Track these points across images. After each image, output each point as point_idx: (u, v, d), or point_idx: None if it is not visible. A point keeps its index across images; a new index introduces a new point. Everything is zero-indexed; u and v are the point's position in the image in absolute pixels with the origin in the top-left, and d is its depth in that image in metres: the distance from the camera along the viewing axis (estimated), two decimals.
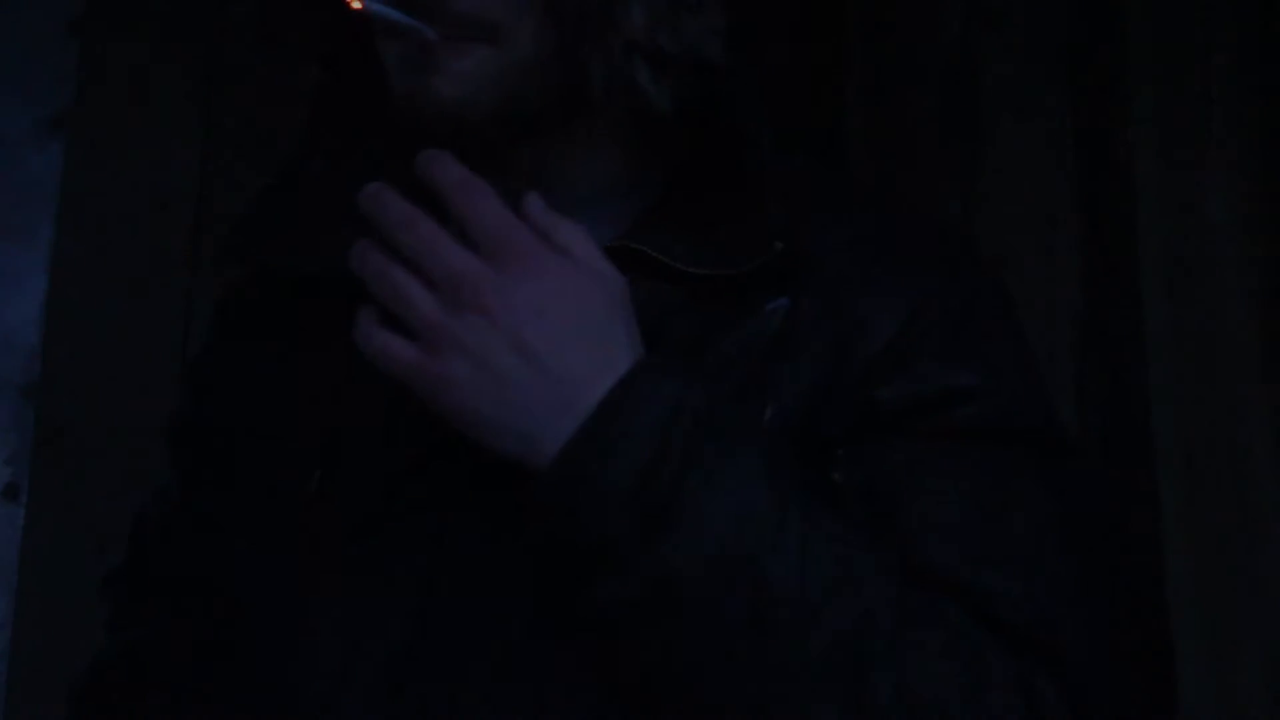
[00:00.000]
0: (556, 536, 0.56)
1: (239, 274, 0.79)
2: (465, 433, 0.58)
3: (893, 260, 0.67)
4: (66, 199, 1.29)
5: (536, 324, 0.56)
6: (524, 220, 0.59)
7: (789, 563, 0.55)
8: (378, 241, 0.58)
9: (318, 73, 0.77)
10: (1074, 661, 0.58)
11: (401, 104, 0.65)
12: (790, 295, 0.65)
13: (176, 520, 0.75)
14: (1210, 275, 1.11)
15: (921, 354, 0.64)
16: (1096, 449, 1.14)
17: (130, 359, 1.25)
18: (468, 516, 0.63)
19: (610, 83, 0.65)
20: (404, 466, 0.64)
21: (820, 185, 0.73)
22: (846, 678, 0.54)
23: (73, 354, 1.26)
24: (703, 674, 0.55)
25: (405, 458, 0.64)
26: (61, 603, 1.19)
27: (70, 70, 1.32)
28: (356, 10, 0.61)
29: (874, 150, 1.33)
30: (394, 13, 0.61)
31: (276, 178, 0.76)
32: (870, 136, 1.34)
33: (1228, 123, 1.13)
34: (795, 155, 0.72)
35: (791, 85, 1.36)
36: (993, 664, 0.57)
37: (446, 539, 0.63)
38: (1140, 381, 1.10)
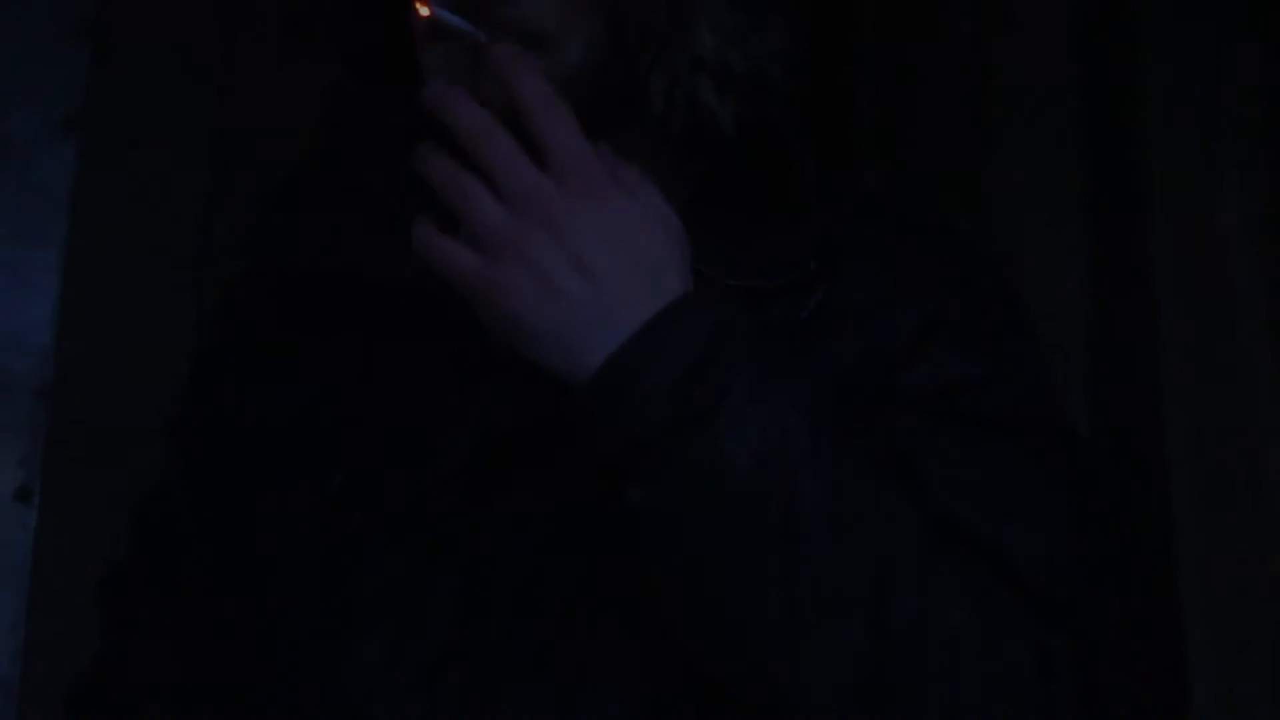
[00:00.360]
0: (597, 441, 0.57)
1: (246, 273, 0.79)
2: (508, 343, 0.59)
3: (911, 265, 0.69)
4: (79, 200, 1.29)
5: (600, 249, 0.57)
6: None
7: (822, 478, 0.56)
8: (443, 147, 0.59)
9: (338, 72, 0.77)
10: (1084, 629, 0.59)
11: None
12: (816, 297, 0.67)
13: (180, 521, 0.75)
14: (1222, 273, 1.12)
15: (937, 349, 0.66)
16: (1109, 444, 1.15)
17: (143, 360, 1.25)
18: (504, 516, 0.64)
19: (672, 98, 0.66)
20: (436, 469, 0.65)
21: (837, 190, 0.75)
22: (871, 600, 0.55)
23: (85, 355, 1.26)
24: (732, 590, 0.56)
25: (437, 461, 0.65)
26: (74, 604, 1.19)
27: (82, 72, 1.31)
28: (419, 14, 0.62)
29: (884, 151, 1.34)
30: (454, 17, 0.62)
31: (286, 177, 0.76)
32: (881, 137, 1.35)
33: (1239, 122, 1.14)
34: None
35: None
36: (1009, 613, 0.58)
37: (483, 537, 0.63)
38: (1152, 379, 1.11)
